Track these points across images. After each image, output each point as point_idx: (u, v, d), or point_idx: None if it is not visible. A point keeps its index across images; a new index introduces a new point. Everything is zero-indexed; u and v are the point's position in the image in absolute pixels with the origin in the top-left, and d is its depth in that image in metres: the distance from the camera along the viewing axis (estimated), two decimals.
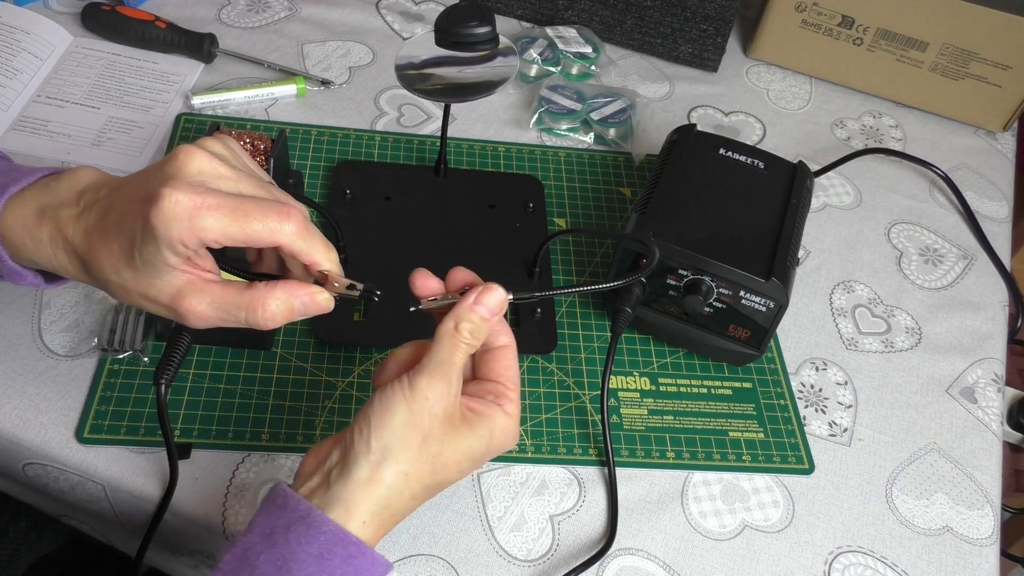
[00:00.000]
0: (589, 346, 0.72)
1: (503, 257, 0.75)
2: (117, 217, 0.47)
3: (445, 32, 0.54)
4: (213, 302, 0.47)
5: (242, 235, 0.45)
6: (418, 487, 0.49)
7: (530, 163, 0.86)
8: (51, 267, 0.50)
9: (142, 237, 0.45)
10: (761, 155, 0.75)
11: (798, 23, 0.98)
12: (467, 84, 0.63)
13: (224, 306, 0.47)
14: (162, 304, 0.47)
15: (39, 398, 0.62)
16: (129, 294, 0.48)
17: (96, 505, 0.62)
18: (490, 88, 0.62)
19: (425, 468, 0.48)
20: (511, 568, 0.59)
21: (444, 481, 0.50)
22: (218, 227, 0.44)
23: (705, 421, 0.68)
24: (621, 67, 1.00)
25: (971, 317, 0.81)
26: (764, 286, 0.64)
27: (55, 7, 0.92)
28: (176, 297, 0.47)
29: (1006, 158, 0.99)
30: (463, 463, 0.50)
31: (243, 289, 0.48)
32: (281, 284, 0.48)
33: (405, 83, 0.62)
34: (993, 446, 0.72)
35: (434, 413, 0.48)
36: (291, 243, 0.46)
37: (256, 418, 0.63)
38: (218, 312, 0.47)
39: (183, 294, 0.47)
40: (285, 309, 0.48)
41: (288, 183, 0.74)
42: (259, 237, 0.45)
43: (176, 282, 0.47)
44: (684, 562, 0.61)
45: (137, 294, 0.48)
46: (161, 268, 0.46)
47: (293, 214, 0.46)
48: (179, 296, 0.47)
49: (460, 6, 0.55)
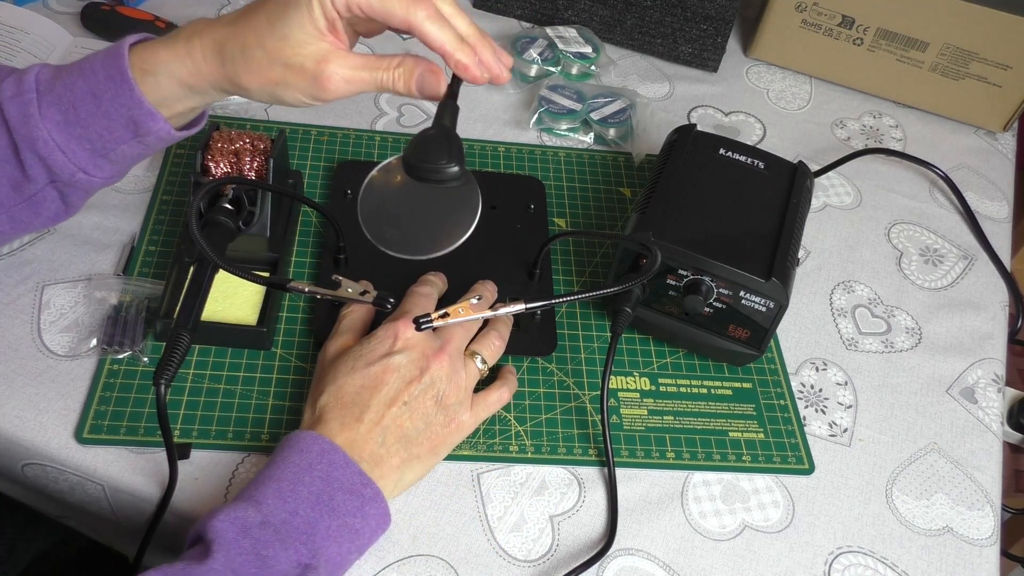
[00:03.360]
0: (589, 346, 0.72)
1: (504, 258, 0.75)
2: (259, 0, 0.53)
3: (413, 168, 0.54)
4: (353, 66, 0.53)
5: (380, 5, 0.51)
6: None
7: (530, 163, 0.86)
8: (184, 71, 0.54)
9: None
10: (761, 155, 0.75)
11: (798, 23, 0.98)
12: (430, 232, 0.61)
13: (365, 65, 0.53)
14: (306, 70, 0.52)
15: (38, 398, 0.62)
16: (273, 66, 0.52)
17: (95, 505, 0.62)
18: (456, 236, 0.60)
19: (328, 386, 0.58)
20: (511, 568, 0.59)
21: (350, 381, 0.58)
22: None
23: (705, 421, 0.68)
24: (621, 67, 1.00)
25: (971, 317, 0.81)
26: (764, 286, 0.64)
27: (55, 7, 0.92)
28: (321, 61, 0.52)
29: (1006, 158, 0.99)
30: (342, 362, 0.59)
31: (377, 56, 0.54)
32: (411, 56, 0.54)
33: (370, 232, 0.60)
34: (993, 446, 0.72)
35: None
36: (420, 24, 0.51)
37: (256, 418, 0.63)
38: (358, 73, 0.53)
39: (327, 59, 0.52)
40: (408, 74, 0.54)
41: (288, 183, 0.74)
42: (394, 12, 0.51)
43: (320, 48, 0.52)
44: (684, 562, 0.61)
45: (282, 64, 0.52)
46: (308, 30, 0.51)
47: (428, 1, 0.52)
48: (324, 60, 0.52)
49: (430, 136, 0.55)
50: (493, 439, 0.65)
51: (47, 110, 0.54)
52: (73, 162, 0.56)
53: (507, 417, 0.66)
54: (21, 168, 0.56)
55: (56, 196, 0.59)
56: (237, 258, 0.69)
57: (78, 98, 0.54)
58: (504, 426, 0.66)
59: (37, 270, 0.69)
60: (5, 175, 0.56)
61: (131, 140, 0.56)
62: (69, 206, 0.60)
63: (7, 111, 0.55)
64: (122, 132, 0.55)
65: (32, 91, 0.55)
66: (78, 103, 0.54)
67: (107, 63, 0.54)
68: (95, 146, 0.56)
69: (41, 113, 0.54)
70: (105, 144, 0.56)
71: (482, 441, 0.65)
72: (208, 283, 0.57)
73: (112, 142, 0.56)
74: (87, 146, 0.56)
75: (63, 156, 0.55)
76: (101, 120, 0.55)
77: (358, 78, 0.53)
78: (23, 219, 0.60)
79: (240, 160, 0.66)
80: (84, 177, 0.57)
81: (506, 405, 0.66)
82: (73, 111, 0.55)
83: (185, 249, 0.68)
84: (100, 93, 0.54)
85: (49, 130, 0.55)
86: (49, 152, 0.55)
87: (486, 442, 0.65)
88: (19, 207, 0.58)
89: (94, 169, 0.57)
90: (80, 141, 0.55)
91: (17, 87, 0.55)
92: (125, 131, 0.55)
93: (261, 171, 0.67)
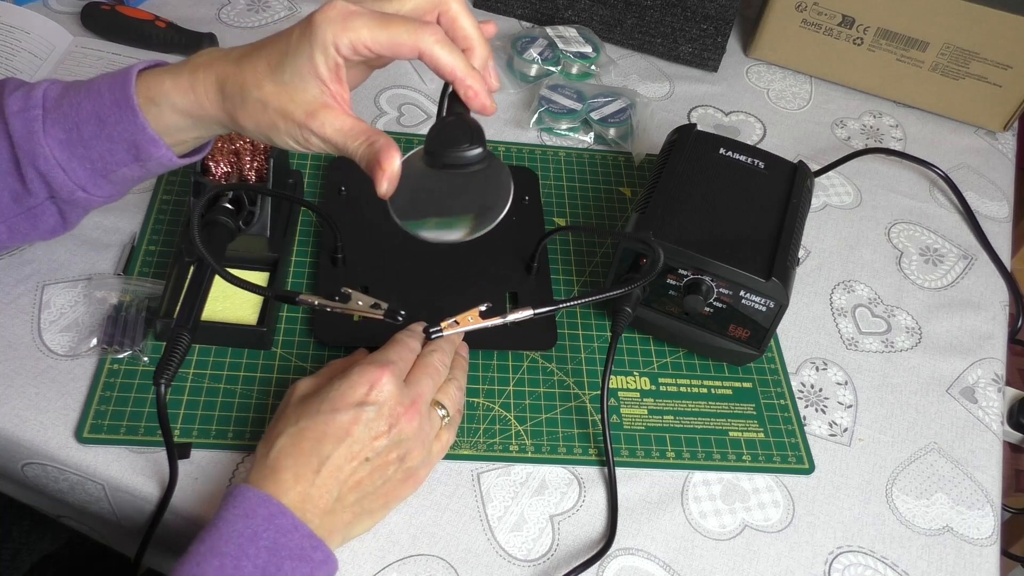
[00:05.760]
0: (589, 346, 0.72)
1: (500, 252, 0.75)
2: (271, 39, 0.52)
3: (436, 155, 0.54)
4: (336, 129, 0.51)
5: (387, 40, 0.49)
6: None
7: (530, 163, 0.86)
8: (186, 103, 0.54)
9: (297, 43, 0.50)
10: (761, 155, 0.75)
11: (798, 23, 0.98)
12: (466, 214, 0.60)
13: (346, 132, 0.51)
14: (295, 121, 0.51)
15: (39, 398, 0.62)
16: (266, 110, 0.52)
17: (96, 505, 0.62)
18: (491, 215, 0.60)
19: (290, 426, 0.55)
20: (511, 568, 0.59)
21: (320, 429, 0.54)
22: (367, 31, 0.49)
23: (705, 421, 0.68)
24: (621, 67, 1.00)
25: (971, 317, 0.81)
26: (764, 286, 0.64)
27: (55, 7, 0.92)
28: (311, 114, 0.51)
29: (1006, 158, 0.99)
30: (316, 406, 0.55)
31: (369, 130, 0.52)
32: (384, 139, 0.52)
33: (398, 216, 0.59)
34: (993, 446, 0.72)
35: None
36: (430, 50, 0.50)
37: (256, 418, 0.63)
38: (337, 136, 0.52)
39: (317, 111, 0.51)
40: (368, 156, 0.52)
41: (288, 183, 0.74)
42: (402, 42, 0.50)
43: (315, 97, 0.51)
44: (684, 562, 0.61)
45: (274, 110, 0.52)
46: (307, 77, 0.50)
47: (435, 26, 0.51)
48: (313, 114, 0.51)
49: (448, 123, 0.55)
50: (493, 439, 0.65)
51: (51, 128, 0.55)
52: (73, 180, 0.56)
53: (507, 417, 0.66)
54: (22, 181, 0.56)
55: (55, 211, 0.59)
56: (237, 258, 0.69)
57: (83, 119, 0.54)
58: (504, 426, 0.66)
59: (37, 270, 0.69)
60: (6, 186, 0.57)
61: (132, 163, 0.56)
62: (67, 222, 0.60)
63: (12, 125, 0.55)
64: (123, 155, 0.55)
65: (38, 107, 0.55)
66: (82, 124, 0.54)
67: (114, 88, 0.54)
68: (96, 166, 0.56)
69: (45, 130, 0.54)
70: (106, 165, 0.56)
71: (482, 441, 0.65)
72: (208, 283, 0.57)
73: (113, 164, 0.56)
74: (88, 166, 0.56)
75: (63, 174, 0.55)
76: (104, 142, 0.55)
77: (335, 140, 0.52)
78: (22, 230, 0.60)
79: (240, 160, 0.66)
80: (83, 195, 0.57)
81: (506, 404, 0.66)
82: (77, 131, 0.55)
83: (185, 249, 0.68)
84: (104, 116, 0.54)
85: (51, 147, 0.55)
86: (50, 169, 0.55)
87: (486, 441, 0.65)
88: (18, 218, 0.58)
89: (93, 188, 0.57)
90: (81, 160, 0.55)
91: (24, 102, 0.55)
92: (127, 155, 0.55)
93: (261, 171, 0.67)
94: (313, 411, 0.54)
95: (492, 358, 0.69)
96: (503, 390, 0.68)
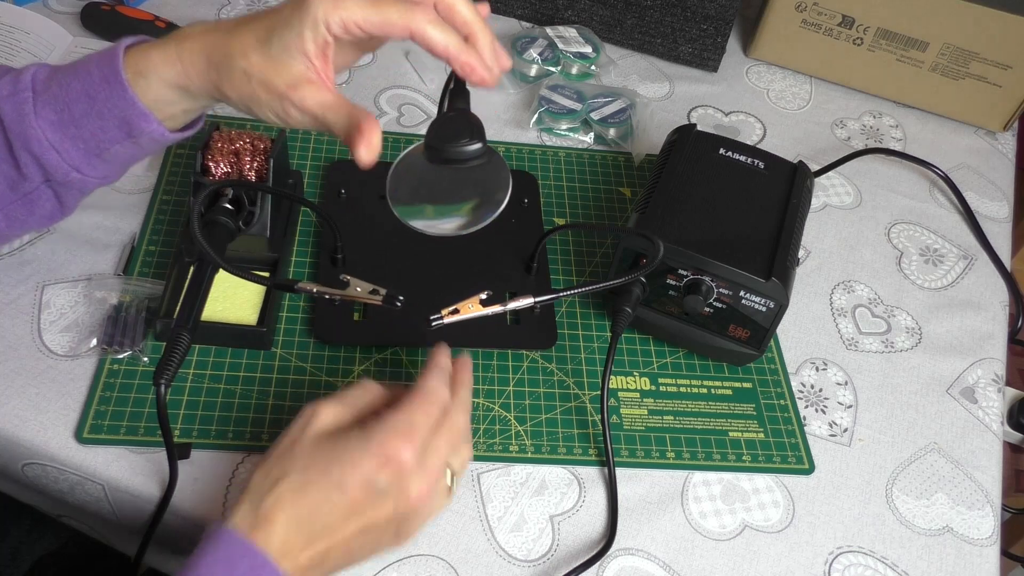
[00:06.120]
0: (589, 346, 0.72)
1: (500, 253, 0.75)
2: (262, 13, 0.53)
3: (436, 149, 0.54)
4: (323, 102, 0.51)
5: (379, 19, 0.50)
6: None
7: (530, 163, 0.86)
8: (173, 74, 0.54)
9: (288, 17, 0.50)
10: (761, 155, 0.75)
11: (798, 23, 0.98)
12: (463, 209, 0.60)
13: (334, 107, 0.51)
14: (277, 92, 0.52)
15: (38, 398, 0.62)
16: (249, 81, 0.52)
17: (96, 505, 0.62)
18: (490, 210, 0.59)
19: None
20: (511, 568, 0.59)
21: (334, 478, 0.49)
22: (359, 10, 0.50)
23: (705, 421, 0.68)
24: (621, 67, 1.00)
25: (971, 317, 0.81)
26: (764, 286, 0.64)
27: (55, 7, 0.92)
28: (293, 86, 0.51)
29: (1006, 158, 0.99)
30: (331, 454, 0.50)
31: (350, 104, 0.52)
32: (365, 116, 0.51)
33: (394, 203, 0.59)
34: (993, 446, 0.72)
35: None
36: (422, 29, 0.50)
37: (256, 418, 0.63)
38: (320, 109, 0.51)
39: (300, 84, 0.51)
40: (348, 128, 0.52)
41: (288, 183, 0.74)
42: (393, 22, 0.50)
43: (299, 71, 0.51)
44: (684, 562, 0.61)
45: (258, 81, 0.52)
46: (293, 52, 0.51)
47: (427, 6, 0.51)
48: (296, 86, 0.51)
49: (449, 118, 0.55)
50: (493, 439, 0.65)
51: (42, 109, 0.55)
52: (67, 161, 0.56)
53: (507, 417, 0.66)
54: (16, 166, 0.56)
55: (51, 195, 0.59)
56: (237, 258, 0.69)
57: (72, 98, 0.55)
58: (504, 426, 0.66)
59: (37, 270, 0.69)
60: (1, 173, 0.57)
61: (124, 140, 0.56)
62: (64, 206, 0.61)
63: (2, 109, 0.55)
64: (115, 132, 0.56)
65: (28, 90, 0.55)
66: (72, 103, 0.55)
67: (102, 64, 0.55)
68: (89, 146, 0.56)
69: (36, 112, 0.55)
70: (99, 144, 0.56)
71: (482, 441, 0.65)
72: (208, 283, 0.57)
73: (106, 142, 0.56)
74: (81, 145, 0.56)
75: (57, 155, 0.55)
76: (95, 120, 0.55)
77: (315, 112, 0.52)
78: (19, 217, 0.60)
79: (240, 160, 0.66)
80: (78, 176, 0.57)
81: (506, 405, 0.66)
82: (68, 111, 0.55)
83: (185, 249, 0.68)
84: (94, 94, 0.54)
85: (43, 129, 0.55)
86: (43, 151, 0.55)
87: (486, 442, 0.65)
88: (14, 205, 0.59)
89: (88, 168, 0.57)
90: (74, 140, 0.56)
91: (13, 86, 0.55)
92: (118, 131, 0.56)
93: (261, 171, 0.67)
94: (323, 466, 0.49)
95: (492, 358, 0.69)
96: (503, 390, 0.68)
